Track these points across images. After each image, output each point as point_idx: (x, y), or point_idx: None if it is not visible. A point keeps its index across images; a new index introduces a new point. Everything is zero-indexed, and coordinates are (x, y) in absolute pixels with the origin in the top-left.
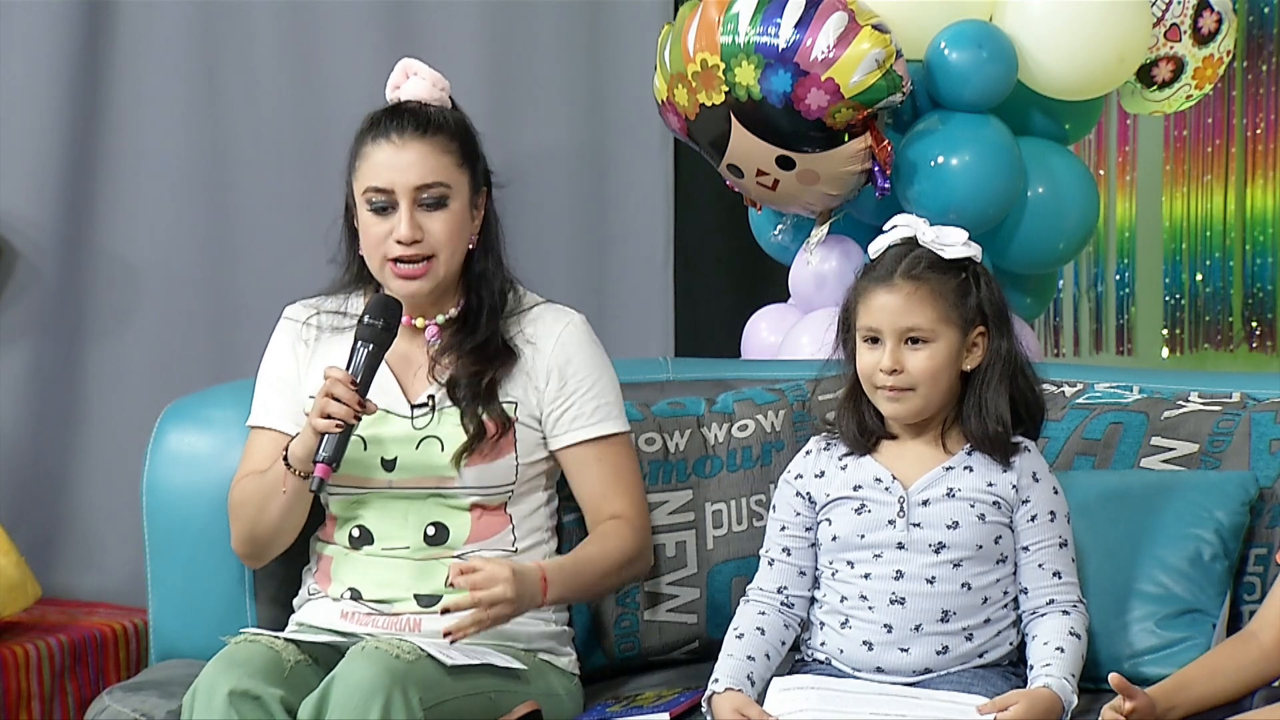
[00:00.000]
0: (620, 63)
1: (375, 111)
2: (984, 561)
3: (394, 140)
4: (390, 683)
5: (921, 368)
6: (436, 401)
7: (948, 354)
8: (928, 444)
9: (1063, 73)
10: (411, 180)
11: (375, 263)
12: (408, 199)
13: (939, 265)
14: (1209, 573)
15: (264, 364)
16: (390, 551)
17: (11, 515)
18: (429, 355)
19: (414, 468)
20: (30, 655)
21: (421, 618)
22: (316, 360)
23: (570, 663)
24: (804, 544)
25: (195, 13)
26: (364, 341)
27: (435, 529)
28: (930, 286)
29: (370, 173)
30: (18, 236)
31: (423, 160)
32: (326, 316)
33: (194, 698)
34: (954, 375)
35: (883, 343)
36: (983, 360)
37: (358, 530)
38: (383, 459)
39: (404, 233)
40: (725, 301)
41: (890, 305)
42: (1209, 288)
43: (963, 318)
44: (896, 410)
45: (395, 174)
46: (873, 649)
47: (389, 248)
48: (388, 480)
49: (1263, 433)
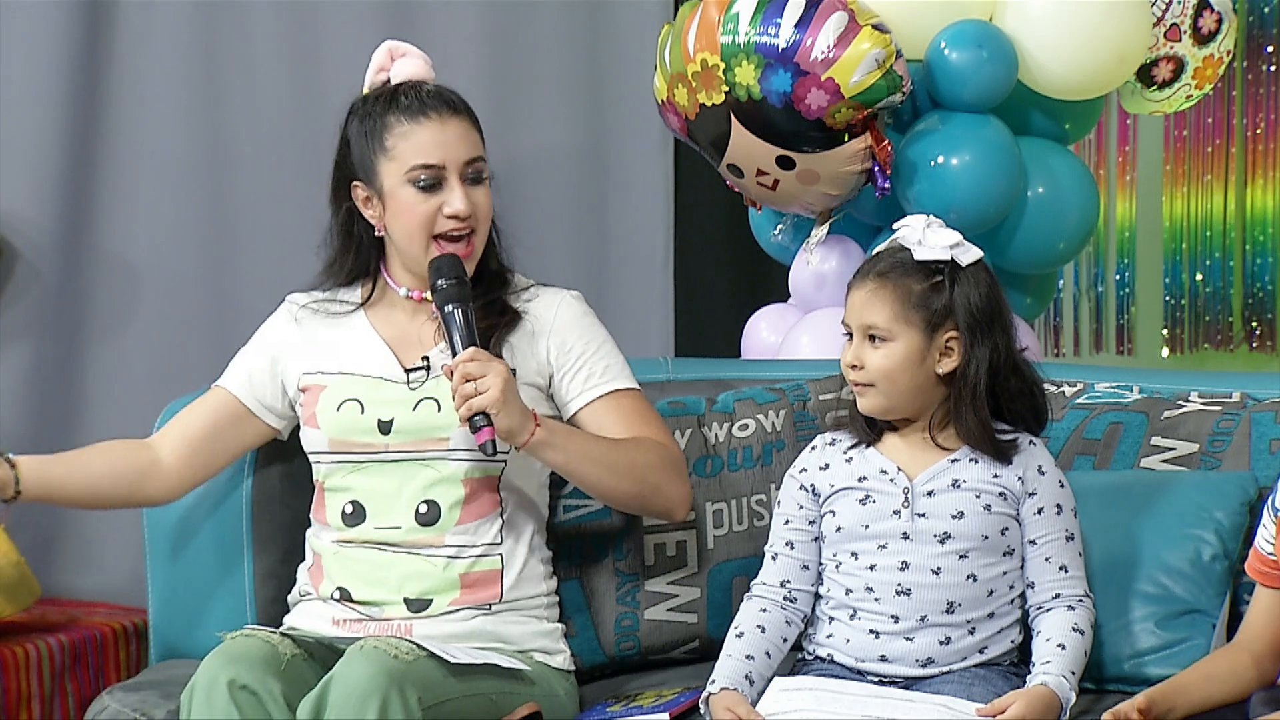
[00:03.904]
0: (620, 63)
1: (380, 92)
2: (990, 553)
3: (433, 118)
4: (388, 683)
5: (877, 365)
6: (431, 363)
7: (905, 354)
8: (925, 440)
9: (1063, 73)
10: (461, 155)
11: (420, 241)
12: (458, 174)
13: (908, 266)
14: (1209, 573)
15: (253, 337)
16: (381, 532)
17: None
18: (432, 320)
19: (411, 430)
20: (30, 655)
21: (412, 623)
22: (306, 341)
23: (565, 660)
24: (807, 538)
25: (195, 13)
26: (453, 305)
27: (427, 507)
28: (892, 286)
29: (416, 151)
30: (18, 236)
31: (467, 135)
32: (321, 303)
33: (193, 692)
34: (922, 377)
35: (853, 337)
36: (962, 364)
37: (350, 506)
38: (379, 421)
39: (461, 207)
40: (725, 301)
41: (855, 302)
42: (1209, 288)
43: (926, 320)
44: (862, 405)
45: (445, 150)
46: (879, 638)
47: (440, 224)
48: (384, 444)
49: (1263, 433)
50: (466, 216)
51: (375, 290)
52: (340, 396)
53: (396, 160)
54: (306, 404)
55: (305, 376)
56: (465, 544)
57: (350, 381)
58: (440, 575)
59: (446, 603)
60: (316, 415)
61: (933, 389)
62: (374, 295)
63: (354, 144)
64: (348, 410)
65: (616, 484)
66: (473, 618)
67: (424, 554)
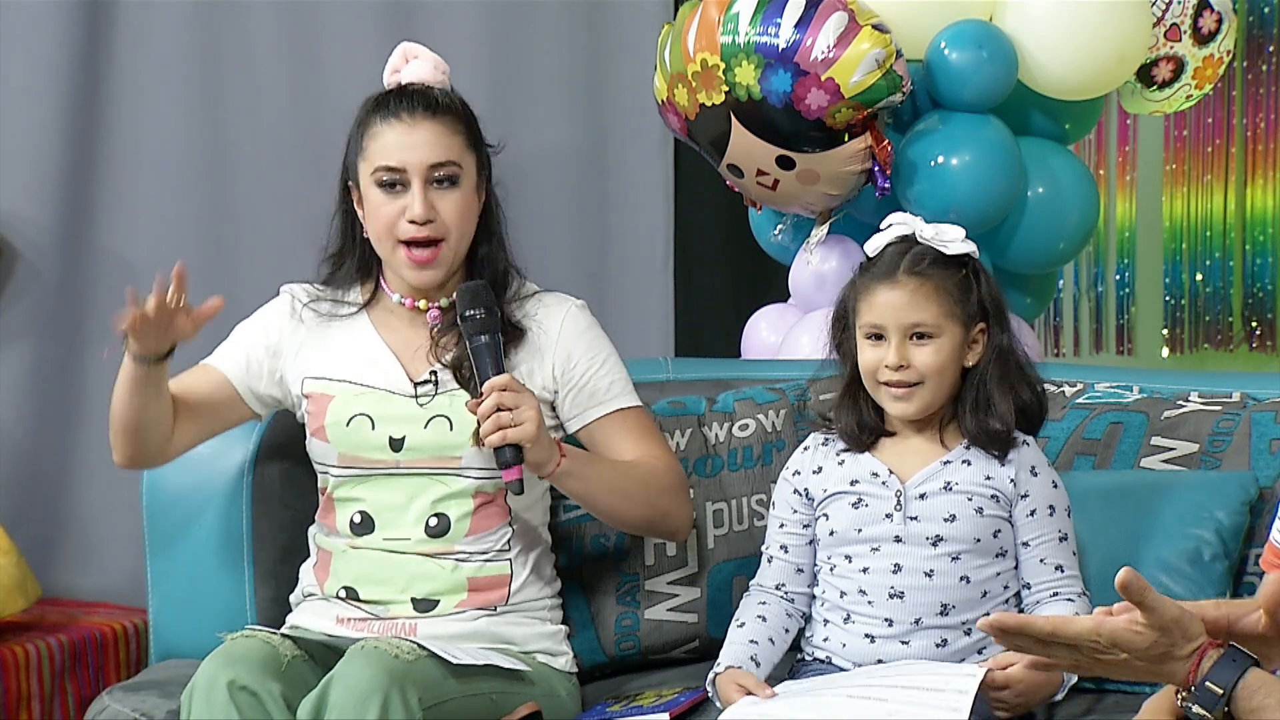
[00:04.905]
0: (620, 63)
1: (379, 93)
2: (982, 555)
3: (404, 119)
4: (389, 683)
5: (928, 363)
6: (439, 379)
7: (952, 349)
8: (926, 440)
9: (1063, 73)
10: (425, 159)
11: (386, 246)
12: (420, 178)
13: (941, 261)
14: (1209, 573)
15: (245, 322)
16: (391, 542)
17: (11, 515)
18: (430, 337)
19: (423, 448)
20: (30, 655)
21: (417, 622)
22: (308, 344)
23: (568, 662)
24: (802, 541)
25: (195, 13)
26: (483, 334)
27: (437, 519)
28: (935, 283)
29: (381, 152)
30: (18, 236)
31: (435, 139)
32: (327, 304)
33: (192, 693)
34: (957, 371)
35: (887, 339)
36: (983, 356)
37: (359, 515)
38: (391, 438)
39: (418, 211)
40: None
41: (895, 301)
42: (1209, 288)
43: (966, 313)
44: (904, 409)
45: (408, 153)
46: (874, 642)
47: (401, 228)
48: (395, 460)
49: (1263, 433)
50: (424, 222)
51: (376, 293)
52: (349, 410)
53: (367, 160)
54: (313, 413)
55: (309, 381)
56: (475, 550)
57: (357, 393)
58: (449, 578)
59: (454, 604)
60: (325, 429)
61: (955, 384)
62: (374, 298)
63: (349, 145)
64: (358, 426)
65: (629, 510)
66: (478, 619)
67: (433, 559)
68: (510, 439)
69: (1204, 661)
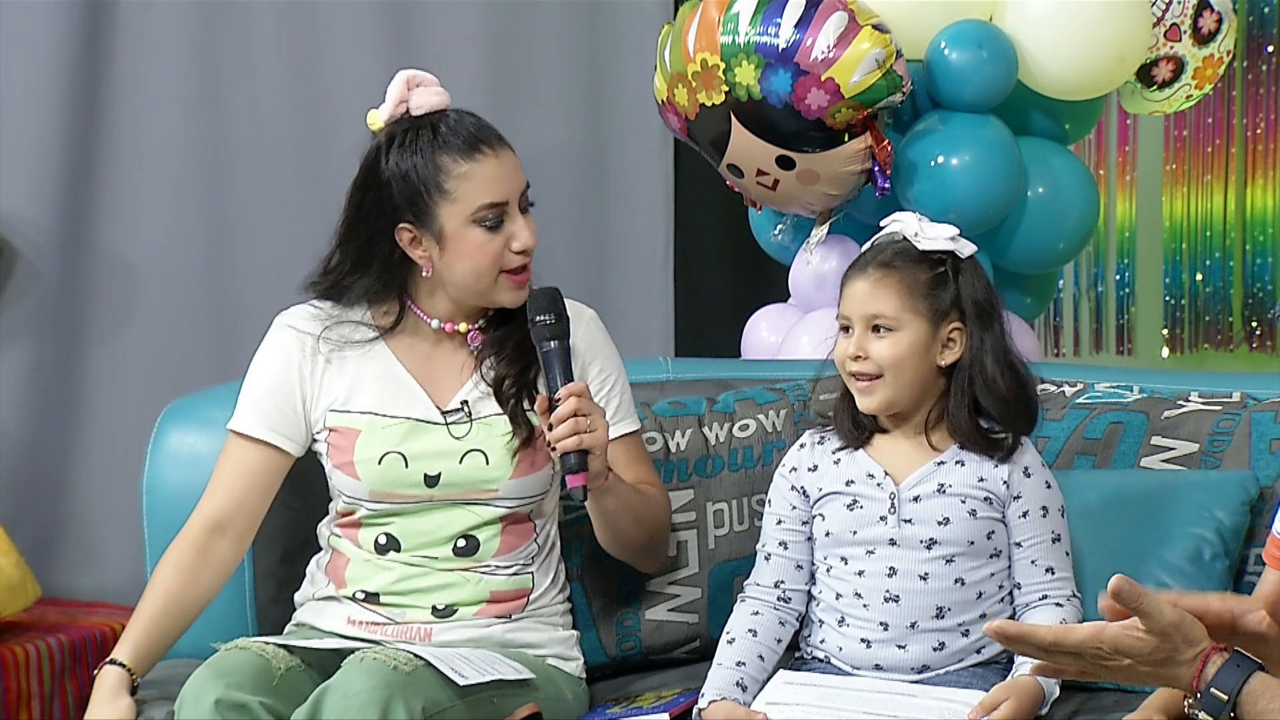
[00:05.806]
0: (620, 63)
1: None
2: (976, 557)
3: (487, 153)
4: (388, 691)
5: (884, 355)
6: (471, 408)
7: (912, 344)
8: (915, 439)
9: (1063, 73)
10: (519, 187)
11: (489, 278)
12: (518, 205)
13: (912, 256)
14: (1209, 572)
15: (258, 368)
16: (417, 558)
17: (11, 515)
18: (471, 357)
19: (458, 484)
20: (30, 655)
21: (433, 627)
22: (327, 375)
23: (578, 667)
24: (800, 538)
25: (195, 12)
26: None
27: (466, 541)
28: (899, 275)
29: (482, 190)
30: (18, 236)
31: (517, 164)
32: (340, 328)
33: (181, 705)
34: (925, 368)
35: (852, 330)
36: (962, 356)
37: (385, 537)
38: (426, 475)
39: (530, 240)
40: (725, 301)
41: (856, 292)
42: (1209, 288)
43: (933, 309)
44: (867, 402)
45: (508, 185)
46: (870, 646)
47: (507, 259)
48: (430, 495)
49: (1263, 432)
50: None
51: (401, 319)
52: (379, 447)
53: (460, 203)
54: (340, 447)
55: (332, 414)
56: (500, 565)
57: (384, 426)
58: (473, 589)
59: (472, 613)
60: (355, 465)
61: (933, 382)
62: (399, 324)
63: (396, 186)
64: (391, 465)
65: (635, 534)
66: (492, 625)
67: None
68: (587, 444)
69: (1208, 667)
